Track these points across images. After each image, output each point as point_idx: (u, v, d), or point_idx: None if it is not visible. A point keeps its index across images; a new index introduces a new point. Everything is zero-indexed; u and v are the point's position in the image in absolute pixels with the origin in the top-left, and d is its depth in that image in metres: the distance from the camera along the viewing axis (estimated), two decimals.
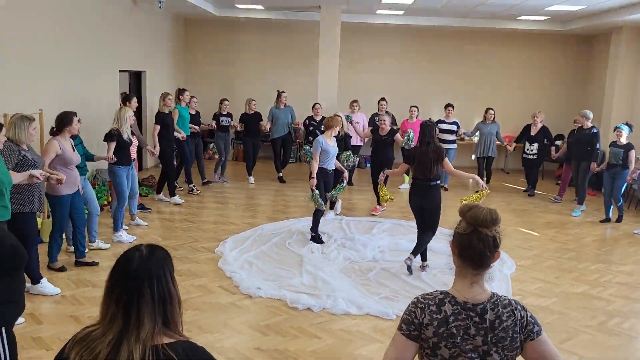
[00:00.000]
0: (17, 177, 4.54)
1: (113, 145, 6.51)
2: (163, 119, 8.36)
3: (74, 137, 5.88)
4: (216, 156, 12.37)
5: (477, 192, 6.17)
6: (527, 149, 10.20)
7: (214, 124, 9.96)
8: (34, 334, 4.33)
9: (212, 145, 12.64)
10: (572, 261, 6.70)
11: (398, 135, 8.21)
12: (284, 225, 7.60)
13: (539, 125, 10.05)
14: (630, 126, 8.56)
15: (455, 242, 1.95)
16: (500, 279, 5.90)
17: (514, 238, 7.55)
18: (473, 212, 1.92)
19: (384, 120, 8.26)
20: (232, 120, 10.23)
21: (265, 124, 10.35)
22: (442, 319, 1.88)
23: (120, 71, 9.53)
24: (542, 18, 11.49)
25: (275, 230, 7.35)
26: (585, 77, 13.01)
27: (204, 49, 13.20)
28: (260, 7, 11.70)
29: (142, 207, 7.97)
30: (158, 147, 8.16)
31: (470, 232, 1.91)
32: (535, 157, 10.14)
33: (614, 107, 11.23)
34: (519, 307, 1.94)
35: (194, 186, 9.36)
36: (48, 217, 6.41)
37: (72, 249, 6.04)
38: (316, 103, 10.50)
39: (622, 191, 8.50)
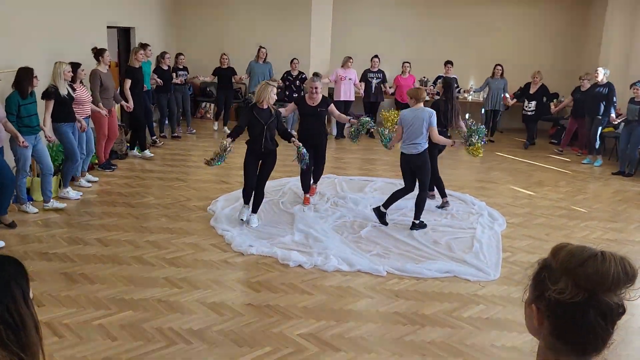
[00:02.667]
0: None
1: (51, 103, 6.27)
2: (133, 73, 8.44)
3: (25, 95, 5.76)
4: (208, 115, 12.27)
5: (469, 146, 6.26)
6: (526, 106, 10.76)
7: (174, 77, 9.97)
8: None
9: (204, 104, 12.49)
10: (562, 219, 6.74)
11: (333, 107, 6.91)
12: (277, 184, 7.58)
13: (538, 84, 10.61)
14: None
15: (547, 310, 1.19)
16: (491, 236, 5.95)
17: (506, 196, 7.58)
18: (592, 270, 1.12)
19: (315, 88, 6.59)
20: (187, 74, 10.42)
21: (244, 76, 10.73)
22: None
23: (108, 27, 9.31)
24: None
25: (266, 189, 7.31)
26: (582, 31, 12.78)
27: (195, 3, 12.86)
28: None
29: (109, 164, 7.97)
30: (131, 101, 8.26)
31: (584, 301, 1.14)
32: (533, 113, 10.73)
33: (610, 60, 11.09)
34: None
35: (156, 139, 9.58)
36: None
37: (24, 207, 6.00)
38: (294, 58, 10.72)
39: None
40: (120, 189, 7.15)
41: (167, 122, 10.47)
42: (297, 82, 10.75)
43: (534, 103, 10.67)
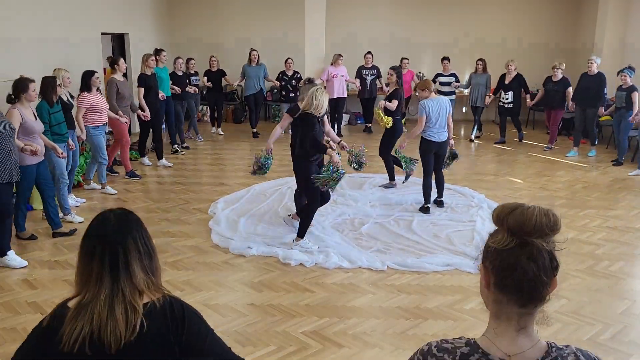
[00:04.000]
0: None
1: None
2: (146, 80, 8.27)
3: (52, 104, 5.76)
4: (205, 118, 12.27)
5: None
6: (503, 98, 10.28)
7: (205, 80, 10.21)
8: (29, 299, 4.37)
9: (201, 107, 12.48)
10: (562, 208, 6.75)
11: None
12: (275, 184, 7.59)
13: (513, 74, 10.12)
14: (632, 69, 8.69)
15: (490, 263, 1.31)
16: (491, 228, 5.94)
17: (505, 187, 7.59)
18: (519, 216, 1.26)
19: None
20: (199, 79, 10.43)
21: (238, 81, 10.74)
22: None
23: (102, 34, 9.32)
24: None
25: (265, 190, 7.35)
26: (577, 18, 12.76)
27: (189, 8, 12.86)
28: None
29: (132, 173, 7.89)
30: (147, 109, 8.10)
31: (514, 246, 1.26)
32: (511, 105, 10.24)
33: (605, 45, 11.09)
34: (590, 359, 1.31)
35: (178, 146, 9.46)
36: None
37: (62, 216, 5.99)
38: (288, 58, 10.71)
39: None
40: (120, 195, 7.16)
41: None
42: (293, 81, 10.73)
43: (510, 94, 10.15)
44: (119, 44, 10.57)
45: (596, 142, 9.63)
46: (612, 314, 4.20)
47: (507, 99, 10.21)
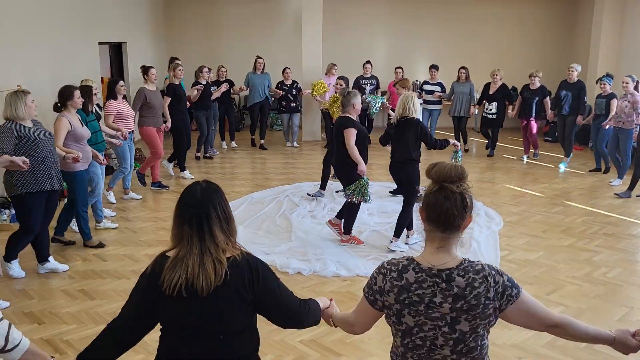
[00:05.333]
0: None
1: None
2: (175, 90, 8.10)
3: (88, 112, 5.82)
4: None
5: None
6: (487, 108, 9.88)
7: (194, 92, 9.39)
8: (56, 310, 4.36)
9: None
10: (559, 215, 6.77)
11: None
12: (272, 192, 7.60)
13: (499, 84, 9.76)
14: (610, 76, 8.62)
15: (423, 203, 1.85)
16: (489, 235, 5.97)
17: (502, 195, 7.61)
18: (437, 168, 1.83)
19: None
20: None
21: (243, 88, 10.40)
22: (402, 286, 1.83)
23: (99, 43, 9.35)
24: None
25: (263, 198, 7.35)
26: (571, 31, 12.91)
27: (186, 18, 12.93)
28: None
29: (159, 184, 7.79)
30: (169, 120, 7.96)
31: (435, 190, 1.81)
32: (494, 116, 9.81)
33: (600, 61, 11.19)
34: (493, 272, 1.80)
35: (213, 151, 9.77)
36: None
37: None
38: (286, 68, 10.56)
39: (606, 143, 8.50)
40: (117, 203, 7.15)
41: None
42: (294, 90, 10.53)
43: (494, 104, 9.71)
44: (116, 53, 10.59)
45: (571, 155, 9.28)
46: (610, 321, 4.19)
47: (490, 109, 9.81)
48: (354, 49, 12.64)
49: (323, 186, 7.34)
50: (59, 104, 5.36)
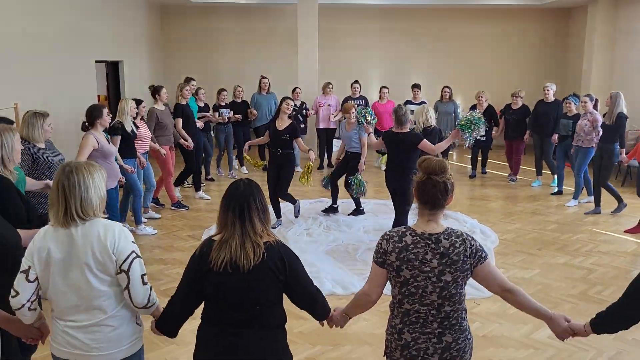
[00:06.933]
0: (33, 185, 4.28)
1: (118, 139, 6.22)
2: (183, 110, 8.02)
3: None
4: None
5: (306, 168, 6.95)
6: None
7: (216, 116, 9.40)
8: None
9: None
10: (554, 233, 6.79)
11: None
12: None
13: (484, 105, 9.61)
14: (577, 97, 8.47)
15: (415, 189, 2.40)
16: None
17: (497, 212, 7.64)
18: (426, 163, 2.36)
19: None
20: (231, 111, 9.64)
21: (255, 112, 9.90)
22: (402, 246, 2.35)
23: (96, 62, 9.40)
24: None
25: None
26: (564, 50, 13.09)
27: (182, 36, 13.03)
28: None
29: (178, 204, 7.78)
30: (190, 140, 7.86)
31: (425, 179, 2.35)
32: (483, 138, 9.26)
33: (592, 79, 11.32)
34: (468, 237, 2.38)
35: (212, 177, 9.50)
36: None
37: None
38: (296, 87, 10.35)
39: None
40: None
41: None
42: (303, 111, 10.14)
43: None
44: (113, 71, 10.65)
45: (555, 174, 9.00)
46: (606, 340, 4.19)
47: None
48: (348, 67, 12.74)
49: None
50: (87, 123, 5.52)
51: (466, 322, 2.46)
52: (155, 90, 7.59)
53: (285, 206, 7.72)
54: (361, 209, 7.43)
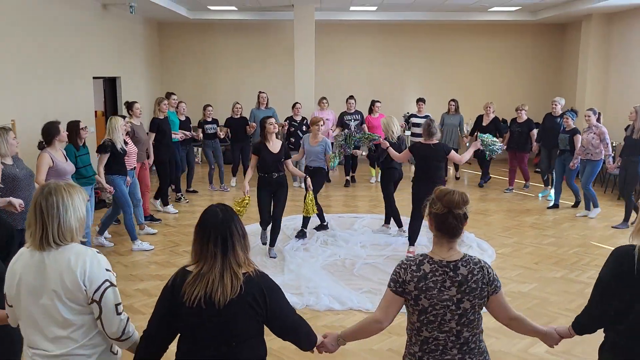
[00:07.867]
0: None
1: (105, 156, 6.33)
2: (159, 125, 8.11)
3: (78, 147, 5.93)
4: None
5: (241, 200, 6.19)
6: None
7: (200, 133, 9.37)
8: None
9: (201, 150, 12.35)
10: (551, 247, 6.80)
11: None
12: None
13: (491, 116, 9.99)
14: (575, 112, 8.65)
15: (433, 219, 2.38)
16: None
17: (495, 226, 7.64)
18: (448, 198, 2.34)
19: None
20: (217, 126, 9.67)
21: (254, 126, 9.65)
22: (421, 275, 2.33)
23: (94, 78, 9.44)
24: (513, 8, 11.63)
25: (255, 231, 7.32)
26: (558, 65, 13.21)
27: (180, 53, 13.12)
28: (233, 8, 11.66)
29: (151, 218, 7.82)
30: (152, 156, 7.93)
31: (446, 212, 2.33)
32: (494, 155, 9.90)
33: (587, 94, 11.41)
34: (486, 265, 2.38)
35: (182, 195, 9.09)
36: None
37: None
38: (296, 103, 10.35)
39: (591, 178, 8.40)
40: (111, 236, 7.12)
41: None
42: (304, 127, 9.99)
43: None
44: (110, 87, 10.68)
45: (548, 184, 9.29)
46: None
47: None
48: (345, 82, 12.82)
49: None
50: (43, 142, 5.43)
51: (483, 343, 2.45)
52: (128, 106, 7.69)
53: (285, 221, 7.71)
54: (325, 224, 7.37)
